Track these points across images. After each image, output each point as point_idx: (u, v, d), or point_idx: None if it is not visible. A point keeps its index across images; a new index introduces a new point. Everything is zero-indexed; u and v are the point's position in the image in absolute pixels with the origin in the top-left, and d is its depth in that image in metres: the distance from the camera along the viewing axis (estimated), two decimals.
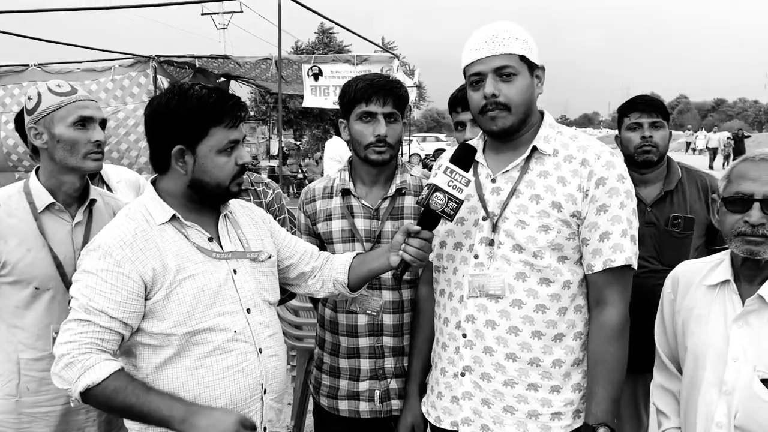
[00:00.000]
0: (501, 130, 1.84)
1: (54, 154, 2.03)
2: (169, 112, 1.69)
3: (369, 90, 2.14)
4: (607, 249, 1.76)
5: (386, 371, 2.24)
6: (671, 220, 2.64)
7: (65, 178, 2.07)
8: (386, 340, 2.23)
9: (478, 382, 1.86)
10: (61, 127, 2.02)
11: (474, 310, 1.85)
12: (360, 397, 2.25)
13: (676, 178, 2.73)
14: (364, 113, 2.15)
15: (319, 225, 2.29)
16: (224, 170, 1.74)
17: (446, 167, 1.78)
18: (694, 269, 1.86)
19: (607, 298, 1.80)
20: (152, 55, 8.87)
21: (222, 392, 1.72)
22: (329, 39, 26.50)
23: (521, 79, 1.79)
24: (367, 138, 2.15)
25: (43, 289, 2.01)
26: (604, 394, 1.77)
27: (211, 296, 1.73)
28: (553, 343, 1.81)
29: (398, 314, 2.23)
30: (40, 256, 2.01)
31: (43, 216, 2.04)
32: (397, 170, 2.28)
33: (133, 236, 1.69)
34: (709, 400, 1.68)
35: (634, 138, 2.73)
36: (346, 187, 2.26)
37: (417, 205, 2.22)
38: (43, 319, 2.02)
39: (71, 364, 1.59)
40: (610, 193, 1.77)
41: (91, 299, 1.63)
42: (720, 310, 1.72)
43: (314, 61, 8.97)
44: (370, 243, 2.22)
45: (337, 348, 2.28)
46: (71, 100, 2.04)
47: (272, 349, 1.86)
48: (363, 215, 2.24)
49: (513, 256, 1.80)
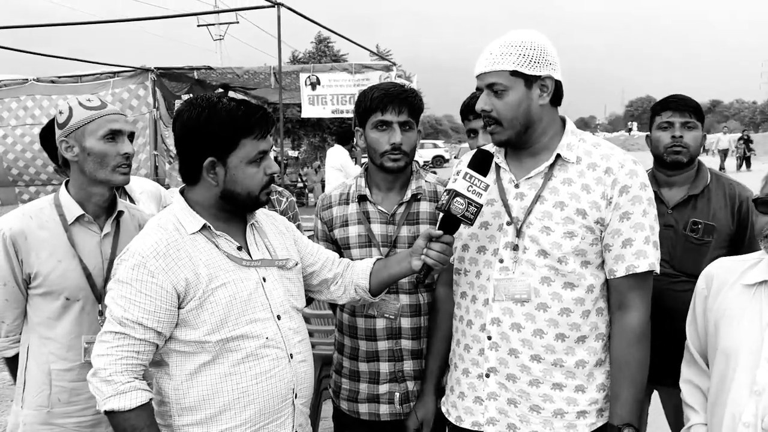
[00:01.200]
0: (498, 143, 1.91)
1: (84, 166, 2.08)
2: (199, 126, 1.72)
3: (385, 99, 2.18)
4: (630, 255, 1.80)
5: (405, 374, 2.28)
6: (690, 225, 2.57)
7: (95, 190, 2.11)
8: (405, 343, 2.27)
9: (503, 382, 1.89)
10: (92, 140, 2.06)
11: (500, 313, 1.88)
12: (380, 399, 2.29)
13: (704, 183, 2.63)
14: (380, 122, 2.20)
15: (335, 231, 2.33)
16: (254, 180, 1.78)
17: (465, 172, 1.83)
18: (730, 267, 1.83)
19: (629, 302, 1.84)
20: (151, 67, 8.92)
21: (255, 398, 1.76)
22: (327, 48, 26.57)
23: (512, 94, 1.82)
24: (383, 146, 2.20)
25: (74, 299, 2.06)
26: (629, 396, 1.82)
27: (243, 304, 1.76)
28: (576, 344, 1.85)
29: (417, 317, 2.27)
30: (71, 268, 2.06)
31: (72, 228, 2.09)
32: (412, 176, 2.32)
33: (167, 246, 1.71)
34: (738, 399, 1.66)
35: (664, 137, 2.63)
36: (363, 193, 2.30)
37: (434, 210, 2.27)
38: (74, 329, 2.07)
39: (108, 382, 1.65)
40: (633, 201, 1.81)
41: (126, 309, 1.67)
42: (756, 310, 1.70)
43: (312, 71, 9.01)
44: (386, 248, 2.26)
45: (356, 352, 2.31)
46: (102, 114, 2.09)
47: (302, 354, 1.90)
48: (379, 221, 2.28)
49: (538, 261, 1.83)
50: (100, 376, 1.65)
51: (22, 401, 2.09)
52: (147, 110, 8.70)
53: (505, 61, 1.81)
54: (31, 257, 2.03)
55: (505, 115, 1.84)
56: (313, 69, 9.13)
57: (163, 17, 9.74)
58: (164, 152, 8.90)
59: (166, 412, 1.78)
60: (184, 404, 1.75)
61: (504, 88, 1.82)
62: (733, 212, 2.58)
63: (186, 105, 1.78)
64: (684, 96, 2.71)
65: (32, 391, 2.07)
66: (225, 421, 1.74)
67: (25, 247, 2.03)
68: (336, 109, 8.84)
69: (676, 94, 2.73)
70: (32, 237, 2.04)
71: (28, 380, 2.08)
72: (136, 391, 1.66)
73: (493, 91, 1.84)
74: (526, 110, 1.84)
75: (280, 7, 7.97)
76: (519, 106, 1.83)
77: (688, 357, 1.97)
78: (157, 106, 8.78)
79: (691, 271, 2.52)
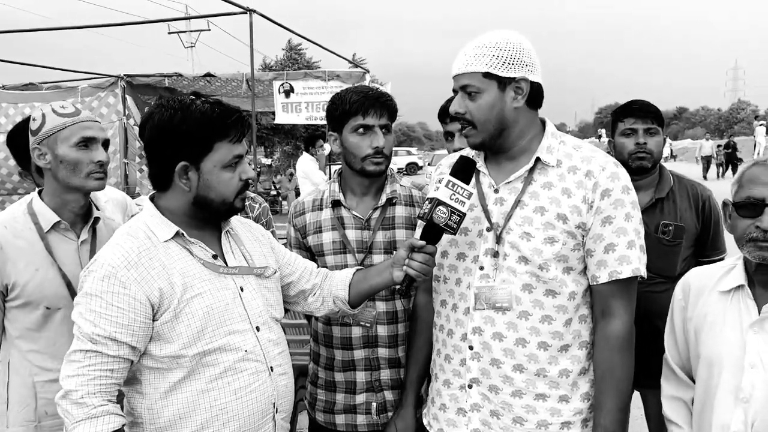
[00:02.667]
0: (473, 146, 1.87)
1: (57, 173, 2.05)
2: (172, 128, 1.64)
3: (366, 102, 2.15)
4: (613, 260, 1.76)
5: (382, 383, 2.23)
6: (661, 228, 2.60)
7: (69, 197, 2.08)
8: (381, 351, 2.23)
9: (486, 393, 1.85)
10: (65, 147, 2.03)
11: (481, 322, 1.84)
12: (357, 410, 2.24)
13: (668, 185, 2.68)
14: (361, 126, 2.16)
15: (309, 238, 2.28)
16: (229, 186, 1.71)
17: (448, 180, 1.78)
18: (706, 274, 1.83)
19: (612, 309, 1.80)
20: (121, 75, 8.78)
21: (235, 414, 1.68)
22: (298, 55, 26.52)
23: (485, 96, 1.79)
24: (364, 150, 2.16)
25: (54, 308, 2.02)
26: (613, 405, 1.77)
27: (220, 315, 1.68)
28: (560, 353, 1.81)
29: (393, 325, 2.23)
30: (49, 276, 2.01)
31: (49, 236, 2.06)
32: (386, 181, 2.29)
33: (138, 255, 1.63)
34: (725, 407, 1.64)
35: (628, 144, 2.67)
36: (336, 198, 2.26)
37: (410, 215, 2.25)
38: (57, 338, 2.02)
39: (80, 405, 1.53)
40: (615, 205, 1.76)
41: (96, 325, 1.57)
42: (735, 316, 1.69)
43: (286, 78, 8.97)
44: (362, 254, 2.21)
45: (332, 361, 2.27)
46: (75, 121, 2.06)
47: (282, 366, 1.83)
48: (354, 226, 2.24)
49: (519, 268, 1.79)
50: (70, 398, 1.53)
51: (6, 420, 2.02)
52: (117, 118, 8.55)
53: (478, 63, 1.77)
54: (7, 267, 1.98)
55: (478, 117, 1.80)
56: (286, 76, 9.09)
57: (132, 23, 9.63)
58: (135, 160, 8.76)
59: None
60: (158, 424, 1.65)
61: (477, 90, 1.78)
62: (697, 212, 2.64)
63: (157, 107, 1.69)
64: (645, 102, 2.75)
65: (16, 407, 2.02)
66: None
67: (1, 257, 1.97)
68: (310, 116, 8.80)
69: (637, 100, 2.77)
70: (8, 247, 1.99)
71: (11, 396, 2.02)
72: (109, 415, 1.55)
73: (466, 93, 1.80)
74: (499, 113, 1.80)
75: (252, 14, 7.94)
76: (492, 109, 1.79)
77: (667, 371, 1.95)
78: (128, 114, 8.64)
79: (666, 272, 2.59)
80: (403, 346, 2.23)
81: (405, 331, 2.24)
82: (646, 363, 2.34)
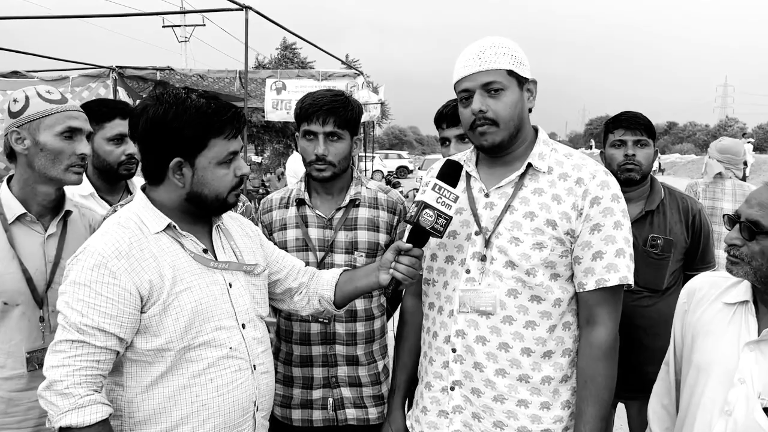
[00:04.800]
0: (491, 145, 1.83)
1: (34, 161, 1.95)
2: (166, 124, 1.61)
3: (310, 109, 2.18)
4: (600, 268, 1.76)
5: (339, 379, 2.27)
6: (650, 241, 2.59)
7: (41, 189, 1.98)
8: (339, 348, 2.26)
9: (468, 396, 1.85)
10: (47, 135, 1.94)
11: (464, 325, 1.83)
12: (313, 405, 2.28)
13: (659, 198, 2.67)
14: (306, 132, 2.21)
15: (275, 234, 2.31)
16: (224, 182, 1.69)
17: (435, 184, 1.77)
18: (713, 283, 1.81)
19: (597, 317, 1.80)
20: (112, 66, 8.72)
21: (216, 411, 1.66)
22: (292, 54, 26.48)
23: (509, 94, 1.79)
24: (309, 155, 2.21)
25: (12, 304, 1.91)
26: (593, 413, 1.77)
27: (208, 310, 1.67)
28: (542, 360, 1.80)
29: (351, 323, 2.27)
30: (9, 270, 1.91)
31: (13, 227, 1.95)
32: (351, 182, 2.31)
33: (129, 245, 1.60)
34: (709, 417, 1.65)
35: (617, 155, 2.68)
36: (301, 197, 2.30)
37: (371, 218, 2.27)
38: (13, 336, 1.92)
39: (65, 395, 1.50)
40: (604, 213, 1.77)
41: (84, 315, 1.53)
42: (734, 330, 1.68)
43: (279, 77, 8.96)
44: (322, 252, 2.25)
45: (290, 356, 2.30)
46: (61, 109, 1.97)
47: (265, 365, 1.82)
48: (317, 225, 2.27)
49: (505, 273, 1.79)
50: (55, 389, 1.50)
51: None
52: None
53: (500, 61, 1.77)
54: None
55: (503, 115, 1.78)
56: (279, 75, 9.08)
57: (127, 14, 9.58)
58: None
59: (118, 426, 1.65)
60: (137, 418, 1.63)
61: (502, 87, 1.77)
62: (687, 226, 2.64)
63: (152, 100, 1.66)
64: (636, 113, 2.75)
65: None
66: None
67: None
68: None
69: (628, 111, 2.77)
70: None
71: None
72: (96, 405, 1.51)
73: (487, 91, 1.78)
74: (520, 112, 1.82)
75: (248, 11, 7.92)
76: (515, 107, 1.80)
77: (666, 381, 1.93)
78: None
79: (652, 286, 2.59)
80: (362, 345, 2.27)
81: (364, 330, 2.27)
82: (630, 375, 2.35)
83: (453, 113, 2.50)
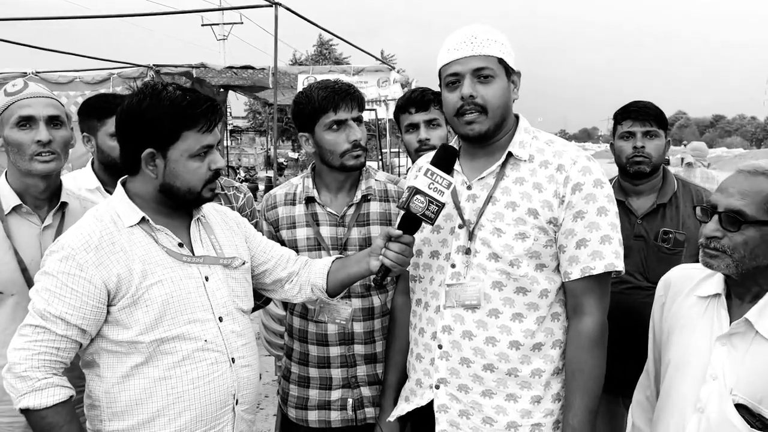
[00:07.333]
0: (477, 134, 1.78)
1: (9, 157, 1.97)
2: (140, 114, 1.63)
3: (336, 98, 2.10)
4: (585, 256, 1.71)
5: (359, 379, 2.20)
6: (661, 235, 2.50)
7: (28, 181, 2.00)
8: (358, 348, 2.19)
9: (454, 393, 1.81)
10: (7, 129, 1.95)
11: (451, 320, 1.80)
12: (331, 406, 2.21)
13: (671, 190, 2.58)
14: (334, 122, 2.12)
15: (282, 232, 2.25)
16: (196, 175, 1.69)
17: (426, 169, 1.73)
18: (688, 276, 1.77)
19: (584, 306, 1.75)
20: (149, 65, 8.89)
21: (191, 403, 1.67)
22: (328, 51, 26.62)
23: (499, 82, 1.76)
24: (342, 146, 2.12)
25: (7, 294, 1.93)
26: (581, 404, 1.72)
27: (181, 303, 1.67)
28: (532, 352, 1.76)
29: (369, 321, 2.20)
30: (5, 260, 1.93)
31: (9, 218, 1.97)
32: (361, 176, 2.25)
33: (99, 239, 1.62)
34: (681, 415, 1.61)
35: (625, 148, 2.59)
36: (311, 195, 2.22)
37: (383, 212, 2.22)
38: (8, 325, 1.92)
39: (23, 378, 1.55)
40: (586, 199, 1.72)
41: (49, 303, 1.58)
42: (707, 324, 1.64)
43: (311, 72, 8.98)
44: (336, 250, 2.18)
45: (306, 357, 2.23)
46: (14, 100, 1.96)
47: (245, 359, 1.81)
48: (329, 223, 2.21)
49: (489, 265, 1.75)
50: (14, 371, 1.55)
51: None
52: None
53: (492, 48, 1.74)
54: None
55: (492, 102, 1.75)
56: (312, 70, 9.11)
57: (163, 13, 9.72)
58: None
59: (96, 416, 1.68)
60: (115, 408, 1.65)
61: (492, 74, 1.74)
62: None
63: (133, 91, 1.69)
64: (646, 103, 2.64)
65: None
66: (158, 427, 1.65)
67: None
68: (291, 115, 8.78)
69: (637, 101, 2.66)
70: None
71: None
72: (53, 387, 1.56)
73: (477, 77, 1.75)
74: (507, 101, 1.79)
75: (278, 7, 7.94)
76: (503, 96, 1.77)
77: (647, 375, 1.90)
78: None
79: None
80: (380, 342, 2.20)
81: (381, 326, 2.20)
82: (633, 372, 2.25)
83: (422, 98, 2.54)
